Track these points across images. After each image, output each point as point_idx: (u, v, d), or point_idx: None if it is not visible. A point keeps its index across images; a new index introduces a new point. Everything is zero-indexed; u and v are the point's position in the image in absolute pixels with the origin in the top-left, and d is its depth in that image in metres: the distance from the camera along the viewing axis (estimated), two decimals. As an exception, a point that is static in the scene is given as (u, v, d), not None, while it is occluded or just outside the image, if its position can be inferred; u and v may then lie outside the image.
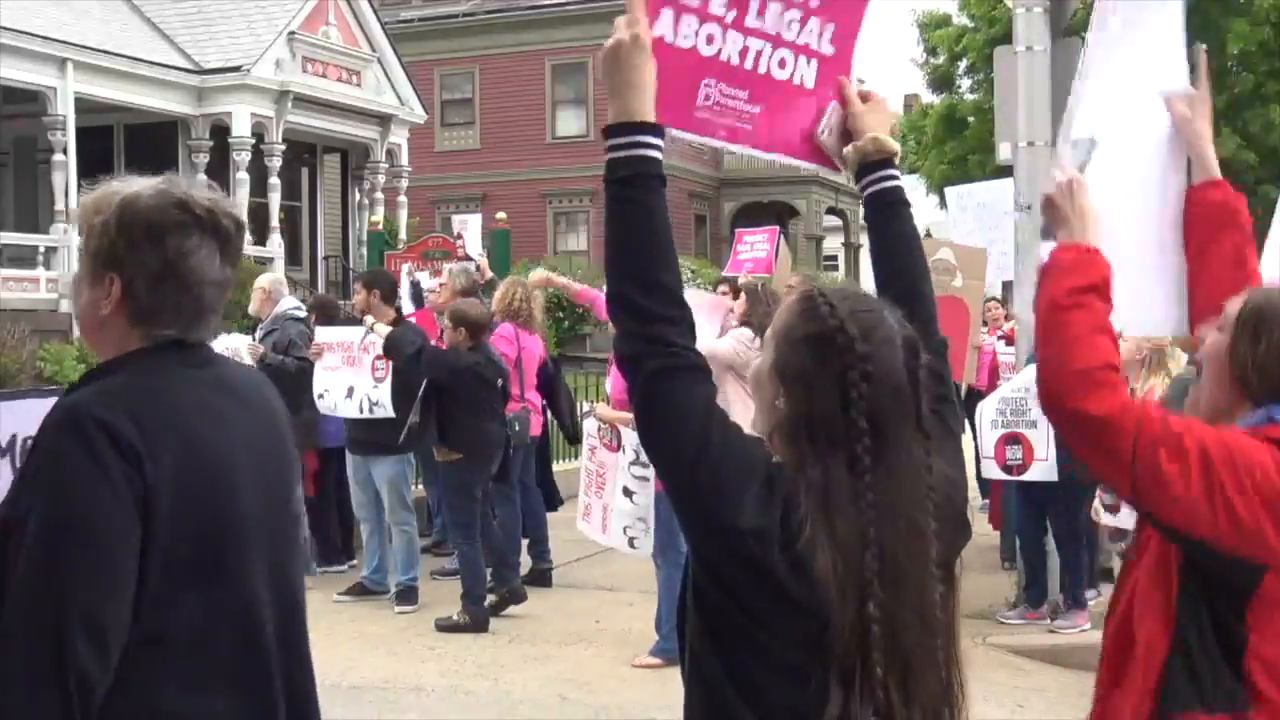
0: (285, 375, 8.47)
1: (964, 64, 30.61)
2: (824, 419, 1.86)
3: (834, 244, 40.73)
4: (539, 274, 9.73)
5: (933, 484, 1.88)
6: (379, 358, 8.09)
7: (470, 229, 13.11)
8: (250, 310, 9.42)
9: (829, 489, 1.82)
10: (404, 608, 8.05)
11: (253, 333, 9.19)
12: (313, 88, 22.47)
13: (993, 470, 7.76)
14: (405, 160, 25.32)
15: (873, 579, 1.79)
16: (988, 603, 7.95)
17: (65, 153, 19.44)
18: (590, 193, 32.06)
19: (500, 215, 17.33)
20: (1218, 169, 2.95)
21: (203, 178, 20.94)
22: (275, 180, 22.08)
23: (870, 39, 2.45)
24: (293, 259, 23.05)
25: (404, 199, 25.34)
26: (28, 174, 21.92)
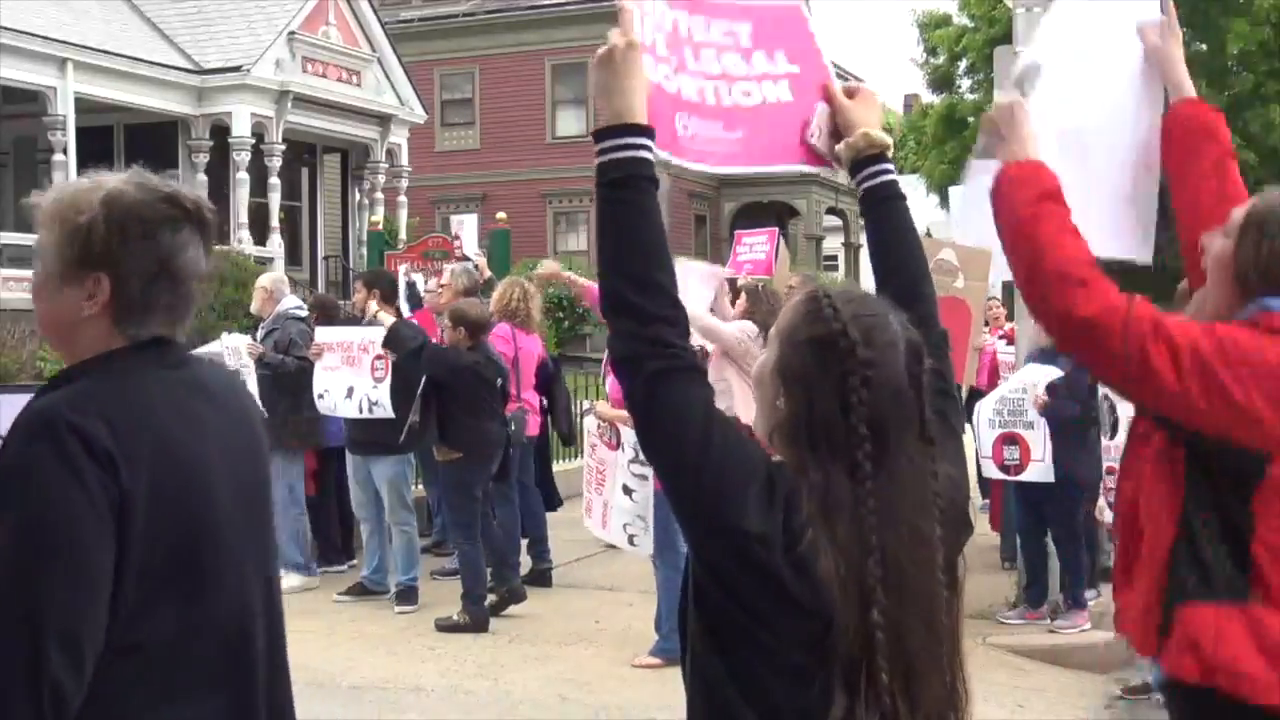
0: (285, 375, 8.48)
1: (964, 64, 30.58)
2: (824, 423, 1.85)
3: (834, 244, 40.70)
4: (548, 265, 9.69)
5: (938, 489, 1.87)
6: (379, 358, 8.08)
7: (467, 229, 13.09)
8: (252, 309, 9.42)
9: (830, 494, 1.82)
10: (404, 608, 8.04)
11: (254, 332, 9.19)
12: (313, 88, 22.47)
13: (991, 470, 7.77)
14: (405, 160, 25.31)
15: (876, 585, 1.78)
16: (988, 603, 7.94)
17: (65, 153, 19.43)
18: (590, 193, 31.90)
19: (500, 215, 17.30)
20: (1192, 89, 2.94)
21: (193, 175, 20.96)
22: (275, 180, 22.08)
23: (870, 39, 2.45)
24: (293, 259, 23.05)
25: (404, 199, 25.33)
26: (28, 174, 21.90)
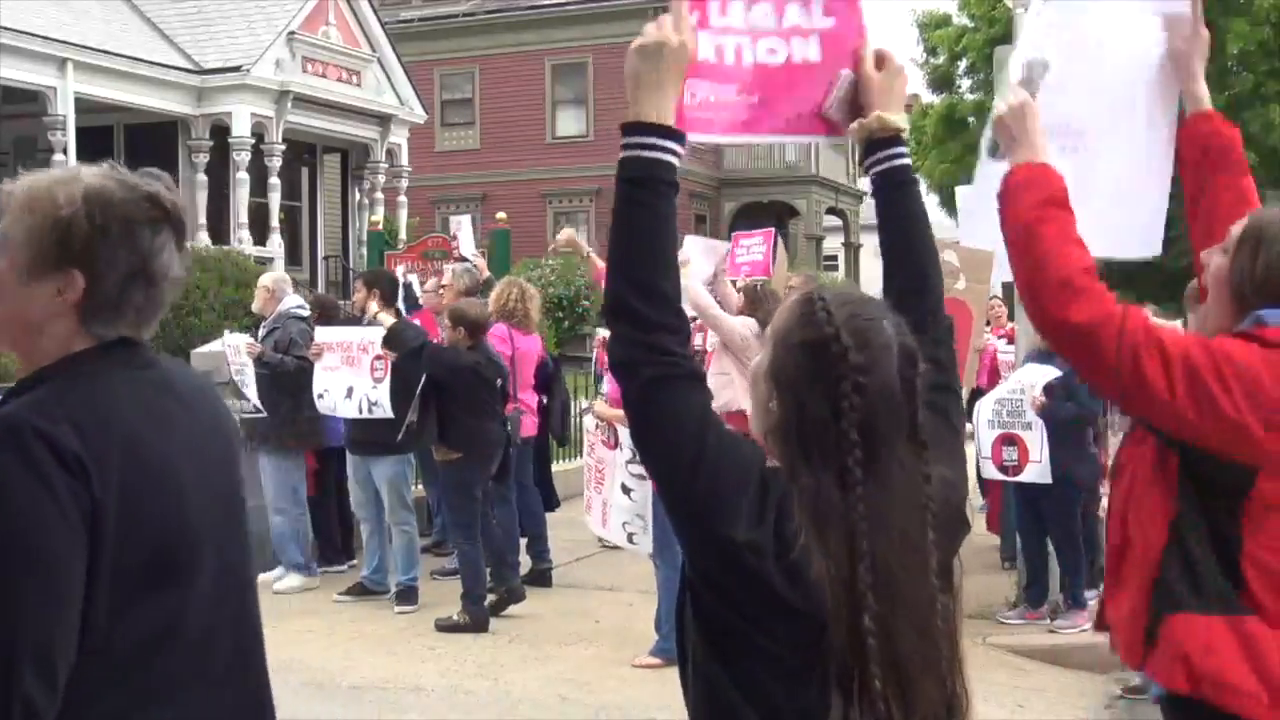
0: (285, 374, 8.48)
1: (964, 64, 30.58)
2: (815, 427, 1.84)
3: (834, 244, 40.70)
4: (567, 233, 9.52)
5: (930, 493, 1.86)
6: (378, 358, 8.08)
7: (464, 229, 13.05)
8: (253, 308, 9.43)
9: (820, 500, 1.81)
10: (404, 608, 8.05)
11: (255, 331, 9.19)
12: (313, 88, 22.45)
13: (990, 471, 7.77)
14: (405, 160, 25.29)
15: (866, 592, 1.77)
16: (988, 603, 7.95)
17: (65, 153, 19.41)
18: (590, 193, 32.07)
19: (500, 215, 17.27)
20: (1209, 102, 2.94)
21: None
22: (275, 180, 22.05)
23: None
24: (293, 259, 23.02)
25: (404, 199, 25.30)
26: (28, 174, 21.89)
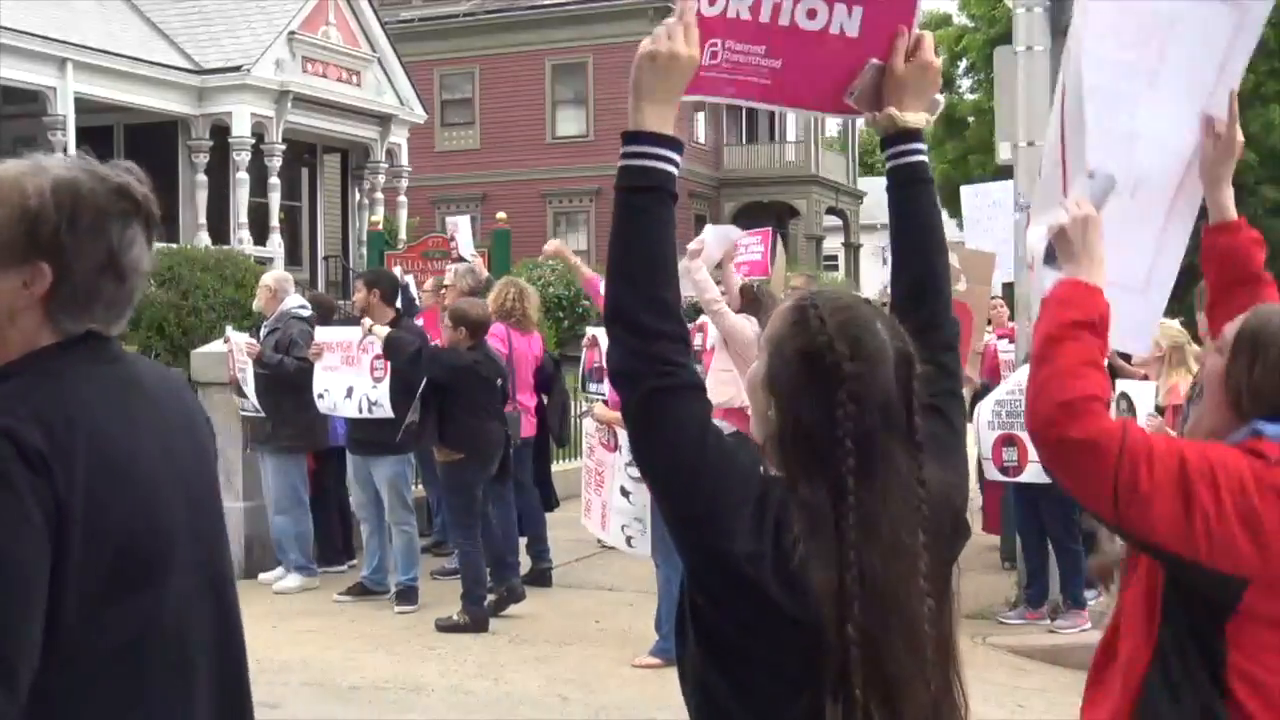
0: (284, 374, 8.48)
1: (964, 64, 30.61)
2: (811, 436, 1.84)
3: (834, 244, 40.74)
4: (553, 243, 9.63)
5: (924, 497, 1.85)
6: (378, 358, 8.08)
7: (461, 230, 13.04)
8: (255, 307, 9.42)
9: (815, 511, 1.81)
10: (404, 608, 8.04)
11: (255, 331, 9.18)
12: (313, 88, 22.46)
13: (991, 472, 7.77)
14: (405, 160, 25.30)
15: (853, 601, 1.77)
16: (988, 603, 7.95)
17: (65, 153, 19.40)
18: (590, 193, 32.08)
19: (500, 215, 17.26)
20: (1234, 211, 2.93)
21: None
22: (275, 180, 22.07)
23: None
24: (293, 259, 23.02)
25: (404, 199, 25.32)
26: (-4, 165, 21.90)
